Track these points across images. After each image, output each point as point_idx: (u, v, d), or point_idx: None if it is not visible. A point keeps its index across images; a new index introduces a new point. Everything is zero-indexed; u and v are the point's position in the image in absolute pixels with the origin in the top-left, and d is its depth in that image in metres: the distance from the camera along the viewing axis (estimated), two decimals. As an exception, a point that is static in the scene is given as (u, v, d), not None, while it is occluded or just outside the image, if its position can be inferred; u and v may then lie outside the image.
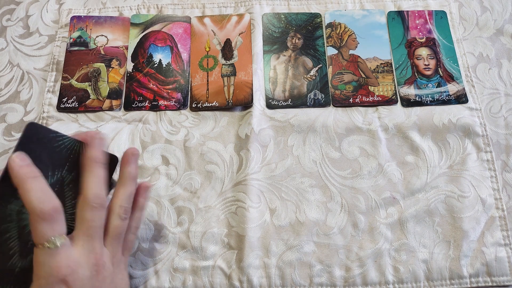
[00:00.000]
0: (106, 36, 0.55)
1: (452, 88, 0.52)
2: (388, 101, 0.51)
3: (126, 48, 0.54)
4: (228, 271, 0.44)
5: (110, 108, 0.51)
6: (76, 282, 0.31)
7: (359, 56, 0.54)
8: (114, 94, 0.52)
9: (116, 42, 0.55)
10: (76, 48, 0.54)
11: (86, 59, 0.53)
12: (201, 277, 0.44)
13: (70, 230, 0.34)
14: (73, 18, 0.56)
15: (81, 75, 0.53)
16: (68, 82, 0.52)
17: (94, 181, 0.34)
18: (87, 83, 0.52)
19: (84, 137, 0.36)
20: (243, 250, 0.44)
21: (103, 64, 0.53)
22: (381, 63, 0.53)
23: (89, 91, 0.52)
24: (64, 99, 0.51)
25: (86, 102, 0.51)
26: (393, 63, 0.54)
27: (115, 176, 0.39)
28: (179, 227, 0.46)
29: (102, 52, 0.54)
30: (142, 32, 0.55)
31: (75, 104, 0.51)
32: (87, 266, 0.32)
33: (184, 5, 0.57)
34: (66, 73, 0.53)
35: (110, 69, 0.53)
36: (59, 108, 0.51)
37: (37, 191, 0.31)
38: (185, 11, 0.57)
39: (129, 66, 0.53)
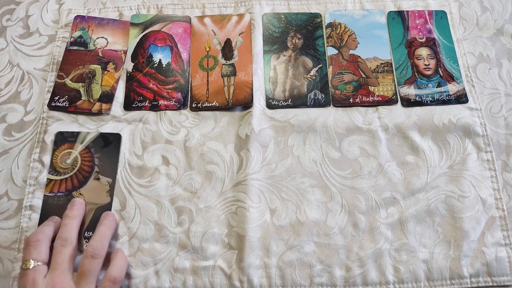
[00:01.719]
0: (106, 39, 0.55)
1: (452, 88, 0.52)
2: (388, 101, 0.51)
3: (125, 52, 0.54)
4: (229, 271, 0.44)
5: (99, 112, 0.50)
6: None
7: (359, 56, 0.54)
8: (105, 97, 0.51)
9: (116, 45, 0.55)
10: (75, 48, 0.54)
11: (83, 60, 0.53)
12: (202, 277, 0.44)
13: None
14: (76, 17, 0.56)
15: (76, 75, 0.52)
16: (63, 81, 0.52)
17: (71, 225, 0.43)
18: (80, 84, 0.52)
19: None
20: (244, 250, 0.44)
21: (99, 66, 0.53)
22: (381, 63, 0.53)
23: (82, 92, 0.51)
24: (56, 98, 0.51)
25: (77, 103, 0.51)
26: (393, 63, 0.54)
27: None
28: (179, 227, 0.46)
29: (100, 54, 0.54)
30: (142, 32, 0.55)
31: (65, 104, 0.51)
32: None
33: (184, 5, 0.57)
34: (62, 72, 0.53)
35: (106, 72, 0.53)
36: (50, 106, 0.51)
37: (38, 230, 0.42)
38: (185, 11, 0.57)
39: (129, 66, 0.53)
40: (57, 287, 0.38)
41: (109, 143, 0.49)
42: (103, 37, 0.55)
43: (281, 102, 0.51)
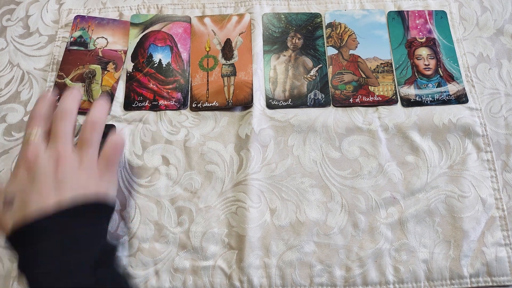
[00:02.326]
0: (106, 39, 0.55)
1: (452, 88, 0.52)
2: (388, 101, 0.51)
3: (125, 52, 0.54)
4: (229, 271, 0.44)
5: None
6: (36, 168, 0.37)
7: (359, 56, 0.54)
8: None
9: (116, 45, 0.54)
10: (75, 48, 0.54)
11: (83, 60, 0.53)
12: (202, 277, 0.44)
13: None
14: (76, 17, 0.56)
15: (76, 75, 0.52)
16: (63, 81, 0.52)
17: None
18: (80, 84, 0.52)
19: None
20: (244, 250, 0.44)
21: (99, 66, 0.53)
22: (381, 63, 0.53)
23: (82, 92, 0.51)
24: (56, 98, 0.51)
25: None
26: (393, 63, 0.54)
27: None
28: (179, 227, 0.46)
29: (100, 54, 0.54)
30: (142, 32, 0.55)
31: None
32: (48, 159, 0.38)
33: (184, 5, 0.57)
34: (62, 72, 0.52)
35: (106, 72, 0.53)
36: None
37: (39, 101, 0.42)
38: (185, 11, 0.57)
39: (129, 66, 0.53)
40: (59, 155, 0.38)
41: (104, 135, 0.49)
42: (103, 37, 0.55)
43: (281, 102, 0.51)
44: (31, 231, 0.35)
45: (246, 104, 0.51)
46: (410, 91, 0.52)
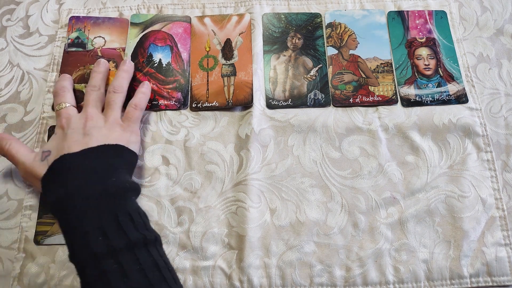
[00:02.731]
0: (103, 38, 0.55)
1: (452, 88, 0.52)
2: (388, 101, 0.51)
3: (123, 50, 0.54)
4: (229, 271, 0.44)
5: None
6: (69, 126, 0.45)
7: (359, 56, 0.54)
8: None
9: (114, 44, 0.54)
10: (73, 49, 0.54)
11: (83, 60, 0.53)
12: (202, 277, 0.44)
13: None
14: (71, 18, 0.56)
15: (77, 76, 0.52)
16: None
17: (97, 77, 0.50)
18: (83, 84, 0.52)
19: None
20: (244, 250, 0.44)
21: None
22: (381, 63, 0.53)
23: (84, 92, 0.51)
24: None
25: (81, 104, 0.51)
26: (393, 63, 0.54)
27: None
28: (179, 227, 0.46)
29: (99, 54, 0.54)
30: (142, 32, 0.55)
31: None
32: (79, 119, 0.46)
33: (184, 5, 0.57)
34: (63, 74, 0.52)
35: None
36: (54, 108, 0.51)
37: (59, 79, 0.50)
38: (185, 11, 0.57)
39: (129, 66, 0.53)
40: (87, 115, 0.46)
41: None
42: (101, 36, 0.55)
43: (281, 102, 0.51)
44: (59, 163, 0.42)
45: (246, 104, 0.51)
46: (410, 91, 0.52)
